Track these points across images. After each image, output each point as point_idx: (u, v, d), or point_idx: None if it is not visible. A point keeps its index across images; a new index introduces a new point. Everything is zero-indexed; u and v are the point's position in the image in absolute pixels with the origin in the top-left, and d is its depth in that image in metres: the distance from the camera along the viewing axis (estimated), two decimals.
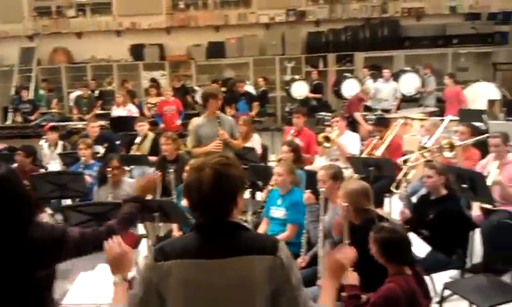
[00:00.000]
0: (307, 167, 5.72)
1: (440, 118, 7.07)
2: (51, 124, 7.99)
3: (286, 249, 1.86)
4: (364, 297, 2.71)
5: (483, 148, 5.33)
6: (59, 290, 3.02)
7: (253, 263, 1.79)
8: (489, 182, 4.53)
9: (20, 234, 2.19)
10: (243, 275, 1.79)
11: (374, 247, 2.75)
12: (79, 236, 2.34)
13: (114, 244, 2.12)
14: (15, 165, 5.66)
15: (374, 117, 8.45)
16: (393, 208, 5.24)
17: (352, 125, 8.09)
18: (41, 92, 11.48)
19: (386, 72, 9.99)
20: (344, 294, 2.73)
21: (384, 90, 9.79)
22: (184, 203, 4.71)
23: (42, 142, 7.29)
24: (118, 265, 2.10)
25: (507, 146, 4.87)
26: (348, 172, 5.41)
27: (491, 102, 8.46)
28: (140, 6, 12.25)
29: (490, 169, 4.71)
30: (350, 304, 2.70)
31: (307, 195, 4.15)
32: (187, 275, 1.79)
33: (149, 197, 2.73)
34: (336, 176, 4.00)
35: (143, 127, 7.26)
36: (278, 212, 4.41)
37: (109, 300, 2.83)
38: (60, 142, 7.40)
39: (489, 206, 4.62)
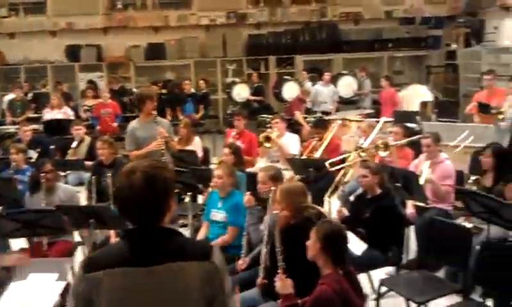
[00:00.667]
0: (249, 169, 5.74)
1: (376, 119, 7.29)
2: None
3: (219, 254, 1.83)
4: (300, 302, 2.72)
5: (417, 148, 5.53)
6: None
7: (186, 269, 1.75)
8: (421, 181, 4.70)
9: None
10: (176, 282, 1.75)
11: (314, 241, 2.75)
12: None
13: None
14: None
15: (313, 119, 8.59)
16: (333, 208, 5.34)
17: (293, 127, 8.19)
18: None
19: (326, 75, 10.19)
20: (279, 304, 2.74)
21: (324, 93, 9.98)
22: None
23: None
24: None
25: (438, 146, 5.07)
26: (288, 173, 5.46)
27: (424, 104, 8.80)
28: (76, 6, 11.86)
29: (423, 168, 4.89)
30: None
31: (247, 197, 4.16)
32: (118, 285, 1.73)
33: None
34: (276, 177, 4.02)
35: (79, 131, 7.05)
36: (219, 215, 4.39)
37: None
38: None
39: (422, 204, 4.80)
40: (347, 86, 10.55)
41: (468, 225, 4.18)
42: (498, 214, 3.83)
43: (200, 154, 6.65)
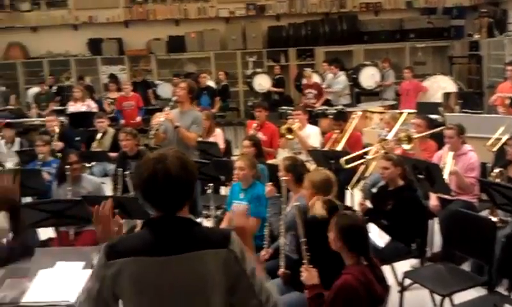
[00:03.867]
0: (270, 161, 5.76)
1: (399, 111, 7.22)
2: (7, 121, 7.75)
3: (238, 240, 1.86)
4: (326, 293, 2.74)
5: (440, 140, 5.48)
6: (17, 288, 2.97)
7: (206, 258, 1.78)
8: (445, 173, 4.66)
9: None
10: (197, 271, 1.78)
11: (334, 234, 2.77)
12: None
13: (103, 210, 2.10)
14: None
15: (334, 111, 8.56)
16: (355, 200, 5.33)
17: (313, 119, 8.17)
18: None
19: (333, 68, 9.95)
20: (306, 295, 2.76)
21: (338, 84, 9.86)
22: None
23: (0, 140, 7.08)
24: (105, 232, 2.08)
25: (462, 138, 5.02)
26: (313, 165, 5.47)
27: (447, 95, 8.69)
28: (97, 0, 12.00)
29: (446, 160, 4.84)
30: (314, 304, 2.73)
31: (269, 188, 4.18)
32: (139, 273, 1.77)
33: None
34: (290, 169, 4.02)
35: (102, 123, 7.13)
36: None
37: (68, 298, 2.81)
38: (17, 139, 7.19)
39: (446, 196, 4.76)
40: (369, 76, 10.44)
41: (494, 219, 4.13)
42: None
43: (222, 146, 6.68)
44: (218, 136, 6.87)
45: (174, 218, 1.82)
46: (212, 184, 4.83)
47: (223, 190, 5.99)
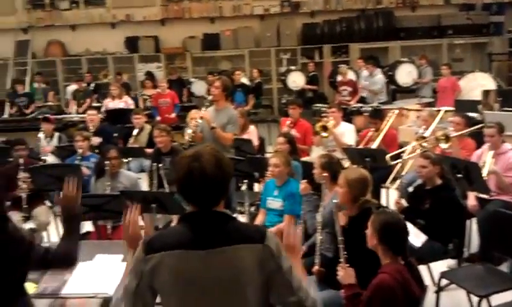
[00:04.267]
0: (304, 159, 5.74)
1: (436, 109, 7.09)
2: (45, 115, 7.96)
3: (274, 237, 1.87)
4: (362, 293, 2.71)
5: (479, 138, 5.36)
6: (57, 280, 3.06)
7: (242, 252, 1.81)
8: (485, 172, 4.55)
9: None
10: (234, 265, 1.80)
11: (371, 232, 2.74)
12: (42, 254, 2.38)
13: (132, 222, 2.17)
14: (11, 159, 5.63)
15: (369, 109, 8.46)
16: (390, 199, 5.27)
17: (348, 117, 8.10)
18: (35, 85, 11.43)
19: (369, 66, 9.74)
20: (342, 294, 2.74)
21: (376, 84, 9.71)
22: None
23: (41, 134, 7.28)
24: (133, 242, 2.13)
25: (502, 136, 4.89)
26: (347, 163, 5.44)
27: (486, 92, 8.48)
28: None
29: (486, 159, 4.73)
30: (351, 303, 2.71)
31: (304, 185, 4.18)
32: (178, 266, 1.80)
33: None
34: (326, 166, 4.00)
35: (139, 120, 7.25)
36: (275, 203, 4.43)
37: (107, 290, 2.88)
38: (56, 134, 7.38)
39: (485, 196, 4.66)
40: (406, 74, 10.22)
41: None
42: None
43: (256, 143, 6.70)
44: (252, 133, 6.89)
45: (211, 212, 1.85)
46: (246, 181, 4.85)
47: (257, 187, 6.01)
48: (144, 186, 5.69)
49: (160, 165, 5.25)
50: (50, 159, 6.58)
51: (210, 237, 1.81)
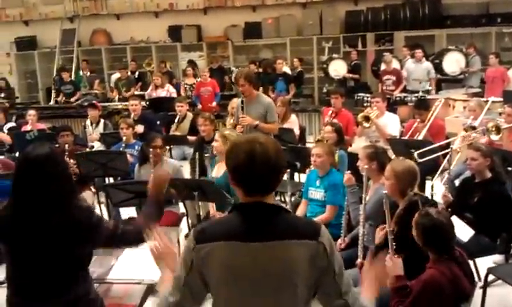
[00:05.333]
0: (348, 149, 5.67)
1: (483, 99, 6.87)
2: (92, 102, 8.12)
3: (328, 234, 1.81)
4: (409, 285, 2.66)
5: None
6: (104, 266, 3.13)
7: (295, 248, 1.75)
8: None
9: (60, 211, 2.28)
10: (285, 260, 1.75)
11: (416, 232, 2.70)
12: (112, 230, 2.43)
13: (159, 244, 2.09)
14: (57, 145, 5.79)
15: (414, 99, 8.28)
16: (436, 191, 5.14)
17: (391, 107, 7.95)
18: (81, 73, 11.70)
19: (418, 52, 9.56)
20: (390, 285, 2.69)
21: (417, 71, 9.49)
22: (214, 174, 4.79)
23: (88, 122, 7.45)
24: (164, 262, 2.07)
25: None
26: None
27: None
28: None
29: None
30: (398, 295, 2.66)
31: (347, 176, 4.11)
32: (229, 257, 1.76)
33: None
34: (373, 156, 3.94)
35: (181, 108, 7.33)
36: (317, 193, 4.39)
37: (152, 277, 2.92)
38: (102, 120, 7.53)
39: None
40: (453, 62, 9.92)
41: None
42: None
43: (297, 132, 6.66)
44: (293, 122, 6.86)
45: (265, 204, 1.80)
46: (288, 170, 4.82)
47: (297, 177, 5.98)
48: (186, 174, 5.74)
49: (202, 154, 5.28)
50: (97, 146, 6.73)
51: (263, 230, 1.76)
